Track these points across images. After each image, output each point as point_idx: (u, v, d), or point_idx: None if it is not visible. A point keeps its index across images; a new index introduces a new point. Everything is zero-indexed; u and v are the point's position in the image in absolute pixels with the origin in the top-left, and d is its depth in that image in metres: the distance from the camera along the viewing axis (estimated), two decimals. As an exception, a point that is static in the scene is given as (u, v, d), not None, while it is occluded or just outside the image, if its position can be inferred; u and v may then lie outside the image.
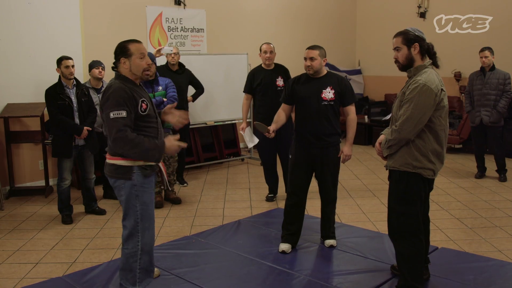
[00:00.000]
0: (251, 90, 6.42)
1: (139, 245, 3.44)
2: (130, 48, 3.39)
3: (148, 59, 3.46)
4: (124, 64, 3.40)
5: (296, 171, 4.68)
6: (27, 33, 7.02)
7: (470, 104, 7.55)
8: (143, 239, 3.45)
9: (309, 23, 11.34)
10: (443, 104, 3.46)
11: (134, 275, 3.47)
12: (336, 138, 4.69)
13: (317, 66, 4.57)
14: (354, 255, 4.58)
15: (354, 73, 12.34)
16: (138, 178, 3.39)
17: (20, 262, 4.67)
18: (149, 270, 3.54)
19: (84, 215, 6.03)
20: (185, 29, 8.96)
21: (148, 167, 3.43)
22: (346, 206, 6.25)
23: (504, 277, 4.06)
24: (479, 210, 6.05)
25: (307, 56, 4.58)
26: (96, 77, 6.29)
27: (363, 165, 8.64)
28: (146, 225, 3.46)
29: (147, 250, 3.48)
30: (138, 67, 3.40)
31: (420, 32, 3.54)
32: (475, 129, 7.59)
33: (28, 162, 7.27)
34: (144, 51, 3.44)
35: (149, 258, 3.51)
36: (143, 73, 3.43)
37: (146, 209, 3.45)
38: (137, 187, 3.40)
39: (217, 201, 6.58)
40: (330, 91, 4.58)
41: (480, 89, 7.38)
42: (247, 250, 4.71)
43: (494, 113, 7.29)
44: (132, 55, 3.38)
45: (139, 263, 3.46)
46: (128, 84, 3.38)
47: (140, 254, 3.45)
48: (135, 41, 3.45)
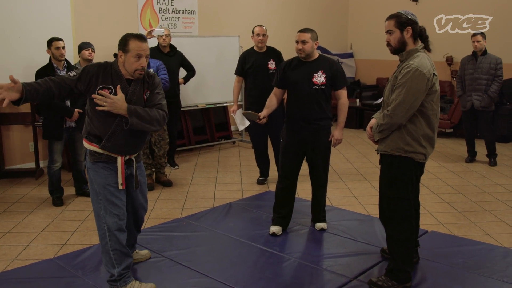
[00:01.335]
0: (243, 73, 6.38)
1: (105, 226, 3.45)
2: (129, 44, 3.32)
3: (144, 61, 3.36)
4: (120, 58, 3.39)
5: (287, 154, 4.68)
6: (17, 14, 6.93)
7: (461, 89, 7.55)
8: (107, 221, 3.45)
9: (300, 6, 11.28)
10: (435, 89, 3.45)
11: (110, 257, 3.49)
12: (327, 122, 4.70)
13: (309, 49, 4.55)
14: (345, 238, 4.60)
15: (346, 57, 12.32)
16: (89, 161, 3.48)
17: (11, 244, 4.66)
18: (123, 252, 3.52)
19: (74, 197, 6.02)
20: (177, 10, 8.88)
21: (96, 154, 3.43)
22: (337, 189, 6.28)
23: (492, 261, 4.10)
24: (469, 194, 6.09)
25: (299, 39, 4.55)
26: (86, 58, 6.23)
27: (354, 149, 8.66)
28: (108, 207, 3.45)
29: (114, 232, 3.46)
30: (130, 65, 3.35)
31: (412, 15, 3.52)
32: (466, 114, 7.61)
33: (18, 144, 7.22)
34: (142, 52, 3.33)
35: (117, 239, 3.47)
36: (134, 72, 3.37)
37: (103, 192, 3.44)
38: (90, 170, 3.48)
39: (208, 184, 6.59)
40: (322, 75, 4.57)
41: (472, 74, 7.38)
42: (238, 233, 4.73)
43: (486, 98, 7.31)
44: (129, 52, 3.33)
45: (110, 245, 3.47)
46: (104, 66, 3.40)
47: (108, 236, 3.46)
48: (139, 38, 3.36)
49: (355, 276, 3.86)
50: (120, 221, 3.48)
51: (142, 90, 3.46)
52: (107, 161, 3.46)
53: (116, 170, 3.47)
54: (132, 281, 3.59)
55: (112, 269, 3.51)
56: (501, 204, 5.73)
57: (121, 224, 3.49)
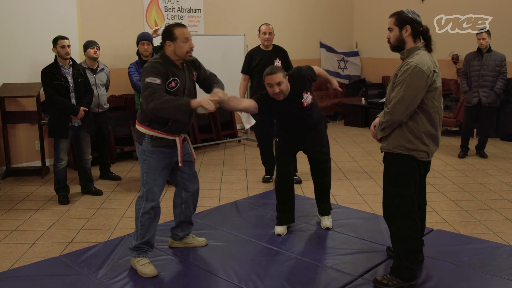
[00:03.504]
0: (249, 71, 6.39)
1: (143, 204, 3.89)
2: (175, 32, 3.72)
3: (191, 42, 3.78)
4: (169, 47, 3.75)
5: (283, 159, 4.70)
6: (23, 12, 6.96)
7: (467, 84, 7.64)
8: (144, 201, 3.89)
9: (306, 4, 11.27)
10: (436, 86, 3.44)
11: (137, 230, 3.92)
12: (322, 122, 4.71)
13: (285, 88, 4.27)
14: (350, 236, 4.60)
15: (352, 55, 12.29)
16: (147, 145, 3.82)
17: (17, 242, 4.68)
18: (150, 227, 3.93)
19: (80, 196, 6.04)
20: (182, 9, 8.89)
21: (157, 138, 3.81)
22: (342, 187, 6.27)
23: (498, 259, 4.09)
24: (475, 192, 6.07)
25: (273, 82, 4.21)
26: (92, 57, 6.24)
27: (359, 147, 8.65)
28: (150, 189, 3.86)
29: (145, 213, 3.89)
30: (181, 49, 3.73)
31: (415, 14, 3.50)
32: (470, 109, 7.71)
33: (25, 142, 7.25)
34: (188, 35, 3.76)
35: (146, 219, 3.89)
36: (186, 54, 3.76)
37: (151, 174, 3.85)
38: (146, 153, 3.84)
39: (213, 182, 6.59)
40: (307, 95, 4.42)
41: (478, 70, 7.46)
42: (243, 231, 4.73)
43: (492, 94, 7.43)
44: (177, 39, 3.71)
45: (140, 221, 3.89)
46: (165, 62, 3.73)
47: (142, 213, 3.88)
48: (180, 25, 3.80)
49: (360, 275, 3.85)
50: (154, 203, 3.91)
51: (190, 72, 3.92)
52: (167, 146, 3.87)
53: (170, 155, 3.92)
54: (144, 257, 3.96)
55: (134, 241, 3.96)
56: (507, 202, 5.71)
57: (154, 206, 3.91)
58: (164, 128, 3.80)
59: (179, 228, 4.34)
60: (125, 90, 7.89)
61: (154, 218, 3.95)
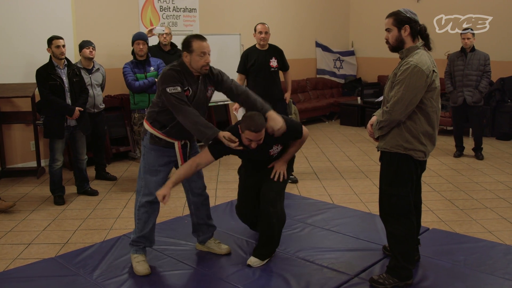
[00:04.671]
0: (245, 71, 6.38)
1: (139, 198, 3.97)
2: (193, 44, 3.69)
3: (208, 57, 3.71)
4: (186, 58, 3.74)
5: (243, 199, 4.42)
6: (18, 12, 6.93)
7: (451, 84, 7.70)
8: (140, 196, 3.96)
9: (301, 3, 11.27)
10: (435, 86, 3.45)
11: (135, 224, 4.00)
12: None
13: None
14: (346, 235, 4.60)
15: (347, 54, 12.31)
16: (146, 141, 3.91)
17: (13, 243, 4.66)
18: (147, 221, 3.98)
19: (76, 196, 6.03)
20: (178, 9, 8.88)
21: (155, 137, 3.86)
22: (338, 187, 6.27)
23: (494, 258, 4.10)
24: (470, 191, 6.09)
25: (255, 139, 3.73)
26: (87, 57, 6.23)
27: (355, 147, 8.65)
28: (146, 184, 3.92)
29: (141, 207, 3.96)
30: (196, 63, 3.70)
31: (412, 13, 3.51)
32: (457, 109, 7.78)
33: (20, 143, 7.22)
34: (206, 49, 3.70)
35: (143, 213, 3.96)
36: (201, 68, 3.73)
37: (148, 170, 3.91)
38: (145, 148, 3.93)
39: (209, 182, 6.58)
40: (279, 147, 4.05)
41: (462, 70, 7.52)
42: (240, 231, 4.72)
43: (476, 93, 7.50)
44: (193, 52, 3.69)
45: (137, 214, 3.96)
46: (182, 70, 3.73)
47: (138, 207, 3.97)
48: (200, 38, 3.74)
49: (357, 274, 3.86)
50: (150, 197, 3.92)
51: (205, 86, 3.86)
52: (165, 147, 3.90)
53: (169, 155, 3.93)
54: (140, 254, 4.00)
55: (133, 235, 4.03)
56: (503, 201, 5.72)
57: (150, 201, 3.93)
58: (163, 130, 3.84)
59: (199, 231, 4.30)
60: (121, 90, 7.88)
61: (152, 213, 3.99)
